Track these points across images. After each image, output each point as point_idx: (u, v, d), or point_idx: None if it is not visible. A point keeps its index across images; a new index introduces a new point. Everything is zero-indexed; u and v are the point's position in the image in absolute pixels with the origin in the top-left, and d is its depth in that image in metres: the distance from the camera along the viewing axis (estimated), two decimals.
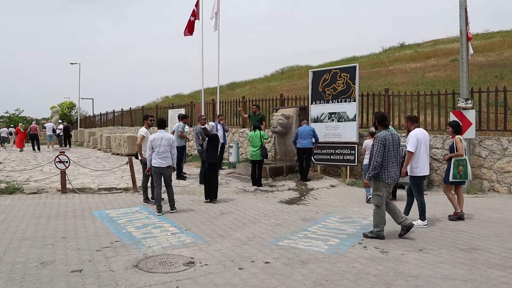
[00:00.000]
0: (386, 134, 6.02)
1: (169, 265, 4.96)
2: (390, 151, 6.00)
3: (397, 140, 6.12)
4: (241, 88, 34.45)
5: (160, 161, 8.02)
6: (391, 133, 6.09)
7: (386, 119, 6.25)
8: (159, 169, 8.06)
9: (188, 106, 20.34)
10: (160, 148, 8.01)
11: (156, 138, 8.07)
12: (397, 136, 6.16)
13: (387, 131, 6.10)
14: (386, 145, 5.97)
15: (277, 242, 5.94)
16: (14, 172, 13.63)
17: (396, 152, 6.09)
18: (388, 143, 5.99)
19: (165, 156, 8.05)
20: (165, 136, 8.11)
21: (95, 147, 26.28)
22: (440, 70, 22.06)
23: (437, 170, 10.62)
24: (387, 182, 6.02)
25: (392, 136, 6.06)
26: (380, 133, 6.09)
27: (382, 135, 6.03)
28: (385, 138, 5.98)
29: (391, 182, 6.05)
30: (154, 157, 8.03)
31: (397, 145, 6.10)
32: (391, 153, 6.01)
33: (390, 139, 6.02)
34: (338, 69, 12.13)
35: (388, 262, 5.02)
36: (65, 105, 50.74)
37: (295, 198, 9.60)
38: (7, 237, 6.26)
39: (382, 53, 39.16)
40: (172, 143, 8.15)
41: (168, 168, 8.12)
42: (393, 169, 6.04)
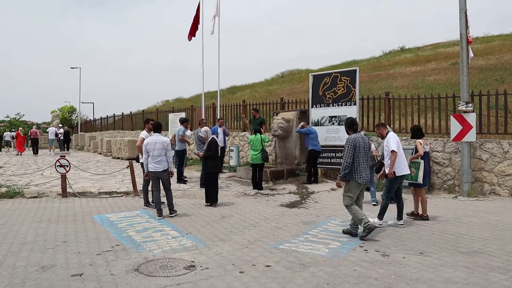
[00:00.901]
0: (357, 137, 6.34)
1: (169, 269, 4.95)
2: (360, 152, 6.29)
3: (367, 143, 6.46)
4: (241, 92, 34.51)
5: (155, 166, 7.91)
6: (361, 137, 6.42)
7: (355, 124, 6.60)
8: (155, 173, 7.96)
9: (189, 110, 20.36)
10: (154, 152, 7.88)
11: (150, 142, 7.96)
12: (367, 139, 6.49)
13: (357, 134, 6.43)
14: (356, 147, 6.27)
15: (278, 245, 5.93)
16: (14, 176, 13.64)
17: (366, 154, 6.38)
18: (359, 145, 6.29)
19: (160, 160, 7.91)
20: (159, 139, 7.96)
21: (95, 151, 26.30)
22: (440, 73, 22.09)
23: (437, 173, 10.61)
24: (360, 182, 6.29)
25: (362, 139, 6.37)
26: (351, 136, 6.40)
27: (352, 137, 6.35)
28: (355, 140, 6.29)
29: (363, 182, 6.31)
30: (150, 162, 7.93)
31: (367, 147, 6.42)
32: (361, 154, 6.30)
33: (361, 141, 6.33)
34: (338, 73, 12.14)
35: (389, 266, 5.01)
36: (65, 109, 50.82)
37: (296, 201, 9.58)
38: (7, 241, 6.25)
39: (383, 56, 39.23)
40: (167, 146, 7.98)
41: (164, 172, 7.98)
42: (365, 170, 6.33)
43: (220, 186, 10.94)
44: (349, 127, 6.58)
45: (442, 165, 10.54)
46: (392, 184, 7.07)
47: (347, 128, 6.61)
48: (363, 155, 6.33)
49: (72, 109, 50.89)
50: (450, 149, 10.45)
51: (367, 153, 6.44)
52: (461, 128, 9.87)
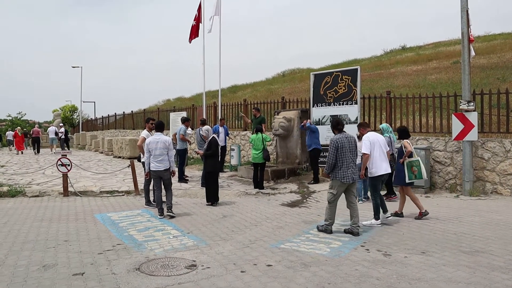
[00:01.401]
0: (340, 137, 6.48)
1: (171, 268, 4.95)
2: (345, 152, 6.43)
3: (353, 143, 6.55)
4: (242, 91, 34.48)
5: (157, 165, 7.87)
6: (346, 136, 6.53)
7: (339, 124, 6.73)
8: (157, 172, 7.92)
9: (190, 109, 20.36)
10: (156, 151, 7.85)
11: (152, 141, 7.94)
12: (353, 139, 6.59)
13: (342, 134, 6.56)
14: (339, 147, 6.41)
15: (279, 245, 5.92)
16: (16, 175, 13.66)
17: (352, 154, 6.50)
18: (342, 145, 6.43)
19: (162, 159, 7.88)
20: (161, 139, 7.94)
21: (97, 150, 26.33)
22: (441, 72, 22.05)
23: (439, 172, 10.59)
24: (343, 182, 6.43)
25: (347, 139, 6.51)
26: (335, 136, 6.57)
27: (335, 138, 6.52)
28: (337, 141, 6.45)
29: (346, 181, 6.43)
30: (152, 161, 7.90)
31: (353, 147, 6.53)
32: (346, 154, 6.44)
33: (345, 141, 6.46)
34: (339, 72, 12.13)
35: (391, 265, 5.00)
36: (67, 108, 50.88)
37: (297, 200, 9.57)
38: (9, 240, 6.26)
39: (384, 55, 39.15)
40: (168, 145, 7.96)
41: (166, 171, 7.95)
42: (349, 169, 6.44)
43: (221, 185, 10.94)
44: (334, 127, 6.76)
45: (444, 164, 10.52)
46: (375, 183, 7.19)
47: (332, 128, 6.79)
48: (349, 154, 6.45)
49: (73, 108, 50.96)
50: (452, 148, 10.43)
51: (353, 152, 6.54)
52: (463, 127, 9.85)
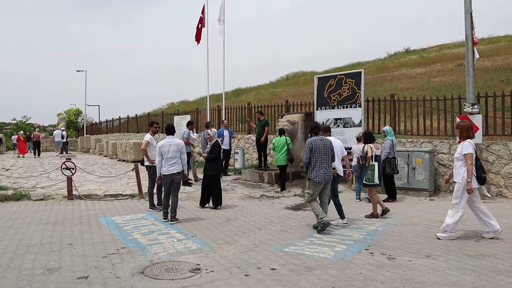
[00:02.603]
0: (315, 139, 6.93)
1: (175, 272, 4.95)
2: (319, 154, 6.84)
3: (328, 145, 6.95)
4: (246, 95, 34.52)
5: (169, 168, 7.84)
6: (321, 139, 6.96)
7: (315, 128, 7.23)
8: (169, 176, 7.86)
9: (194, 113, 20.39)
10: (169, 154, 7.84)
11: (164, 144, 7.93)
12: (328, 141, 6.99)
13: (317, 137, 7.01)
14: (313, 148, 6.84)
15: (283, 248, 5.91)
16: (21, 178, 13.71)
17: (326, 156, 6.88)
18: (316, 147, 6.85)
19: (175, 163, 7.87)
20: (174, 142, 7.97)
21: (101, 153, 26.42)
22: (445, 75, 22.00)
23: (444, 175, 10.54)
24: (316, 181, 6.82)
25: (322, 141, 6.93)
26: (310, 138, 7.05)
27: (310, 140, 6.99)
28: (311, 143, 6.88)
29: (319, 180, 6.81)
30: (164, 164, 7.85)
31: (327, 149, 6.93)
32: (320, 156, 6.84)
33: (320, 144, 6.89)
34: (343, 75, 12.12)
35: (395, 269, 4.98)
36: (71, 112, 51.12)
37: (301, 204, 9.56)
38: (14, 243, 6.28)
39: (387, 58, 39.12)
40: (181, 148, 7.99)
41: (179, 174, 7.94)
42: (322, 170, 6.82)
43: (226, 188, 10.96)
44: (311, 130, 7.29)
45: (449, 167, 10.47)
46: (334, 185, 7.48)
47: (310, 131, 7.22)
48: (323, 156, 6.85)
49: (78, 111, 51.19)
50: None
51: (327, 154, 6.91)
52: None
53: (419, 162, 10.24)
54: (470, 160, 6.10)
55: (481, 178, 6.21)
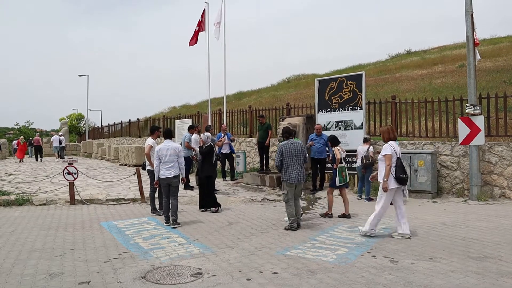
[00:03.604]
0: (286, 143, 7.35)
1: (176, 276, 4.94)
2: (290, 157, 7.26)
3: (299, 148, 7.33)
4: (248, 98, 34.54)
5: (166, 172, 7.87)
6: (292, 142, 7.37)
7: (286, 132, 7.58)
8: (166, 179, 7.91)
9: (195, 116, 20.40)
10: (166, 158, 7.86)
11: (162, 148, 7.94)
12: (299, 145, 7.38)
13: (289, 141, 7.39)
14: (284, 152, 7.25)
15: (285, 252, 5.90)
16: (23, 183, 13.73)
17: (298, 158, 7.28)
18: (287, 150, 7.27)
19: (172, 166, 7.89)
20: (171, 146, 7.98)
21: (103, 158, 26.45)
22: (447, 76, 21.97)
23: (446, 177, 10.52)
24: (289, 182, 7.24)
25: (292, 144, 7.34)
26: (281, 143, 7.45)
27: (281, 144, 7.43)
28: (282, 147, 7.31)
29: (292, 182, 7.22)
30: (161, 168, 7.89)
31: (299, 152, 7.31)
32: (292, 158, 7.26)
33: (291, 147, 7.30)
34: (344, 77, 12.12)
35: (398, 272, 4.95)
36: (74, 116, 51.17)
37: (303, 207, 9.53)
38: (16, 248, 6.28)
39: (389, 60, 39.08)
40: (178, 152, 8.00)
41: (176, 178, 7.93)
42: (294, 171, 7.25)
43: (227, 192, 10.96)
44: (282, 135, 7.72)
45: (451, 169, 10.45)
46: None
47: (282, 135, 7.67)
48: (294, 158, 7.26)
49: (80, 116, 51.24)
50: (459, 153, 10.36)
51: (299, 157, 7.30)
52: (469, 131, 9.79)
53: (421, 164, 10.21)
54: (387, 161, 6.45)
55: (399, 179, 6.42)
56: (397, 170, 6.44)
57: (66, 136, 40.01)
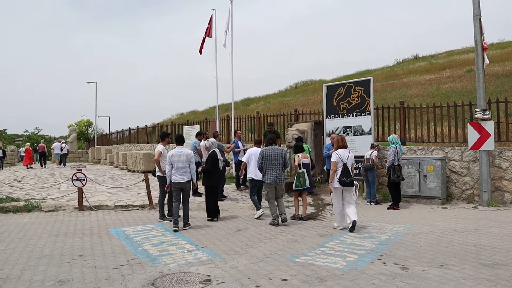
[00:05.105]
0: (267, 149, 8.39)
1: (185, 283, 4.92)
2: (270, 160, 8.25)
3: (278, 153, 8.33)
4: (255, 104, 34.60)
5: (179, 177, 8.07)
6: (273, 148, 8.40)
7: (268, 140, 8.71)
8: (179, 184, 8.09)
9: (203, 123, 20.45)
10: (179, 164, 8.06)
11: (174, 154, 8.12)
12: (278, 151, 8.39)
13: (271, 147, 8.42)
14: (265, 156, 8.26)
15: (294, 258, 5.85)
16: (32, 190, 13.81)
17: (277, 162, 8.27)
18: (268, 155, 8.27)
19: (184, 172, 8.10)
20: (183, 152, 8.20)
21: (111, 164, 26.55)
22: (455, 81, 21.87)
23: (456, 182, 10.42)
24: (268, 183, 8.25)
25: (273, 150, 8.35)
26: (263, 148, 8.70)
27: (262, 149, 8.58)
28: (263, 152, 8.37)
29: (270, 182, 8.23)
30: (174, 173, 8.08)
31: (278, 156, 8.30)
32: (272, 162, 8.24)
33: (271, 152, 8.30)
34: (352, 83, 12.08)
35: (409, 279, 4.89)
36: (82, 123, 51.62)
37: (312, 213, 9.48)
38: (25, 255, 6.30)
39: (396, 65, 39.03)
40: (190, 158, 8.22)
41: (188, 183, 8.16)
42: (273, 173, 8.25)
43: (236, 198, 10.94)
44: (266, 141, 8.90)
45: (460, 174, 10.35)
46: (253, 186, 9.22)
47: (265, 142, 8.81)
48: (274, 162, 8.24)
49: (88, 123, 51.69)
50: (468, 158, 10.27)
51: (278, 161, 8.27)
52: (479, 136, 9.71)
53: (431, 169, 10.13)
54: (332, 167, 7.65)
55: (341, 181, 7.52)
56: (341, 174, 7.52)
57: (74, 143, 40.31)
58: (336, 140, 7.98)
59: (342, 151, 7.72)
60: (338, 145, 7.84)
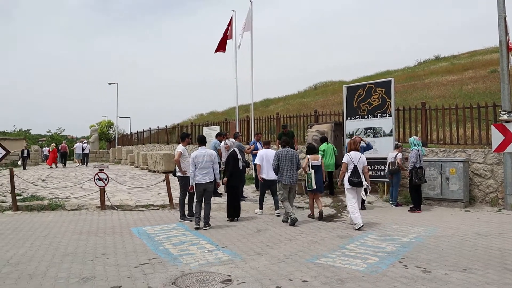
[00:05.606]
0: (282, 151, 8.71)
1: (206, 283, 4.96)
2: (285, 162, 8.53)
3: (293, 155, 8.65)
4: (274, 105, 34.58)
5: (202, 178, 8.16)
6: (287, 150, 8.70)
7: (283, 142, 9.04)
8: (202, 185, 8.18)
9: (223, 124, 20.54)
10: (202, 164, 8.15)
11: (198, 155, 8.21)
12: (293, 153, 8.70)
13: (285, 149, 8.75)
14: (280, 158, 8.57)
15: (314, 260, 5.84)
16: (56, 189, 14.09)
17: (291, 163, 8.56)
18: (282, 156, 8.57)
19: (208, 172, 8.19)
20: (206, 152, 8.29)
21: (132, 164, 26.88)
22: (478, 82, 21.46)
23: (479, 185, 10.23)
24: (284, 183, 8.50)
25: (287, 152, 8.66)
26: (278, 150, 8.95)
27: (277, 151, 8.87)
28: (278, 154, 8.66)
29: (285, 183, 8.48)
30: (197, 174, 8.17)
31: (292, 158, 8.61)
32: (286, 163, 8.53)
33: (286, 154, 8.60)
34: (373, 84, 11.98)
35: (431, 283, 4.83)
36: (103, 123, 52.34)
37: (332, 215, 9.45)
38: (50, 252, 6.44)
39: (417, 66, 38.50)
40: (214, 159, 8.31)
41: (211, 183, 8.25)
42: (287, 174, 8.50)
43: (255, 199, 10.95)
44: (280, 144, 9.27)
45: (484, 177, 10.16)
46: (263, 186, 9.63)
47: (280, 144, 9.24)
48: (289, 163, 8.53)
49: (109, 123, 52.38)
50: (492, 161, 10.07)
51: (293, 162, 8.58)
52: (503, 138, 9.53)
53: (453, 172, 9.98)
54: (343, 168, 8.25)
55: (350, 181, 7.99)
56: (350, 175, 8.00)
57: (96, 143, 40.96)
58: (349, 143, 8.59)
59: (353, 153, 8.21)
60: (350, 148, 8.42)
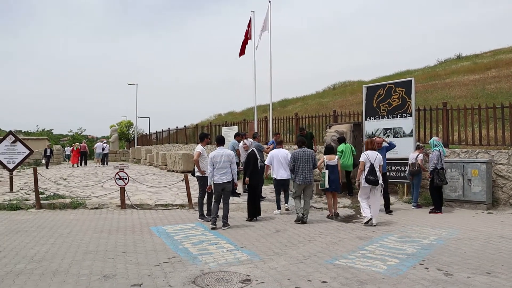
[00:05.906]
0: (298, 151, 8.80)
1: (225, 282, 4.98)
2: (301, 162, 8.65)
3: (309, 155, 8.74)
4: (293, 105, 34.52)
5: (220, 178, 8.21)
6: (303, 151, 8.80)
7: (299, 142, 9.11)
8: (220, 185, 8.23)
9: (241, 124, 20.58)
10: (220, 164, 8.19)
11: (216, 155, 8.26)
12: (309, 153, 8.79)
13: (301, 149, 8.84)
14: (296, 158, 8.69)
15: (333, 261, 5.81)
16: (77, 188, 14.34)
17: (307, 164, 8.65)
18: (298, 157, 8.69)
19: (226, 172, 8.23)
20: (224, 152, 8.33)
21: (151, 164, 27.15)
22: (502, 81, 21.03)
23: (502, 187, 10.02)
24: (298, 183, 8.62)
25: (303, 152, 8.76)
26: (294, 150, 8.95)
27: (294, 151, 8.92)
28: (294, 154, 8.77)
29: (300, 183, 8.60)
30: (215, 174, 8.22)
31: (309, 158, 8.70)
32: (302, 163, 8.64)
33: (302, 154, 8.71)
34: (393, 84, 11.85)
35: (453, 286, 4.75)
36: (123, 124, 53.01)
37: (351, 215, 9.38)
38: (72, 250, 6.56)
39: (438, 65, 37.95)
40: (232, 159, 8.35)
41: (229, 183, 8.28)
42: (302, 174, 8.60)
43: (274, 199, 10.93)
44: (297, 144, 9.21)
45: (508, 179, 9.95)
46: (276, 186, 9.71)
47: (296, 144, 9.19)
48: (304, 163, 8.62)
49: (129, 123, 53.03)
50: None
51: (308, 163, 8.65)
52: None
53: (475, 173, 9.80)
54: (360, 166, 8.44)
55: (367, 179, 8.23)
56: (367, 173, 8.22)
57: (116, 143, 41.49)
58: (366, 142, 8.86)
59: (370, 153, 8.47)
60: (367, 147, 8.68)
